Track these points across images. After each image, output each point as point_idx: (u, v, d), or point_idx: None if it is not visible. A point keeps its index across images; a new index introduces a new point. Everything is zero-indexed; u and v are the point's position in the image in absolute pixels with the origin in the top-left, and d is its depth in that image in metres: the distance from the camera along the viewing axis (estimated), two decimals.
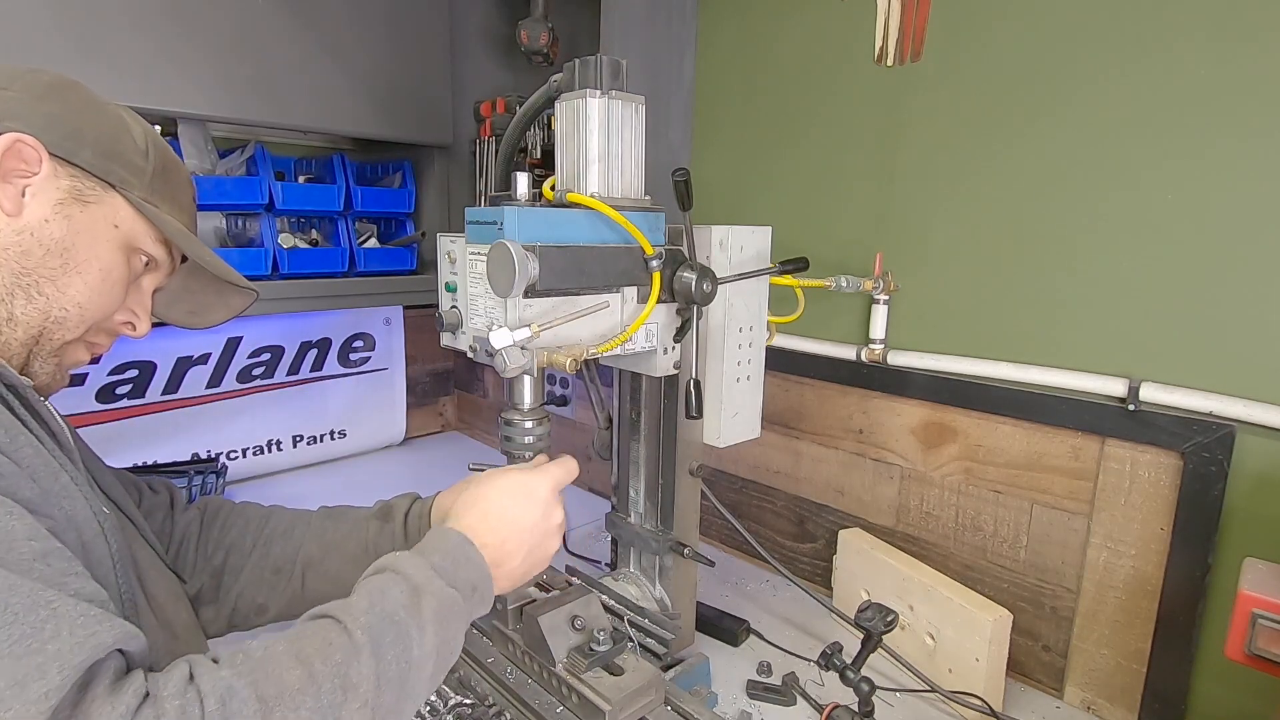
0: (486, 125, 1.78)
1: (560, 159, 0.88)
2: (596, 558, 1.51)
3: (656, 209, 0.91)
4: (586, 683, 0.82)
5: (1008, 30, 1.09)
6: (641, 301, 0.90)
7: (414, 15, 1.66)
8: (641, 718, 0.83)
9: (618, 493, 1.16)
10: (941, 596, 1.09)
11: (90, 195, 0.65)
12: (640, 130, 0.88)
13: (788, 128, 1.39)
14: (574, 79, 0.85)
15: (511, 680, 0.90)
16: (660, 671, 0.92)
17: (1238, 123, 0.90)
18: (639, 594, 1.12)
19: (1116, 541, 1.04)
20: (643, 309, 0.89)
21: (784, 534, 1.48)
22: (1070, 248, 1.05)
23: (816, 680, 1.11)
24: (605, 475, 1.85)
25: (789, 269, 1.01)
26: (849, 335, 1.32)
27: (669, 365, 0.95)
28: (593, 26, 1.52)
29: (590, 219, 0.83)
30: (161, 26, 1.29)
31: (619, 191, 0.88)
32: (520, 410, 0.85)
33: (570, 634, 0.87)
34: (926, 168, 1.20)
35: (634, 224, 0.84)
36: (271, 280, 1.56)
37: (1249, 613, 0.73)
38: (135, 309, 0.73)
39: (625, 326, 0.89)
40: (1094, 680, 1.08)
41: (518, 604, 0.92)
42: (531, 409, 0.85)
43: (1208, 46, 0.92)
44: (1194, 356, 0.96)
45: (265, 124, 1.48)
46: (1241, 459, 0.93)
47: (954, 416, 1.19)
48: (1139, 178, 0.98)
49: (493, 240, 0.76)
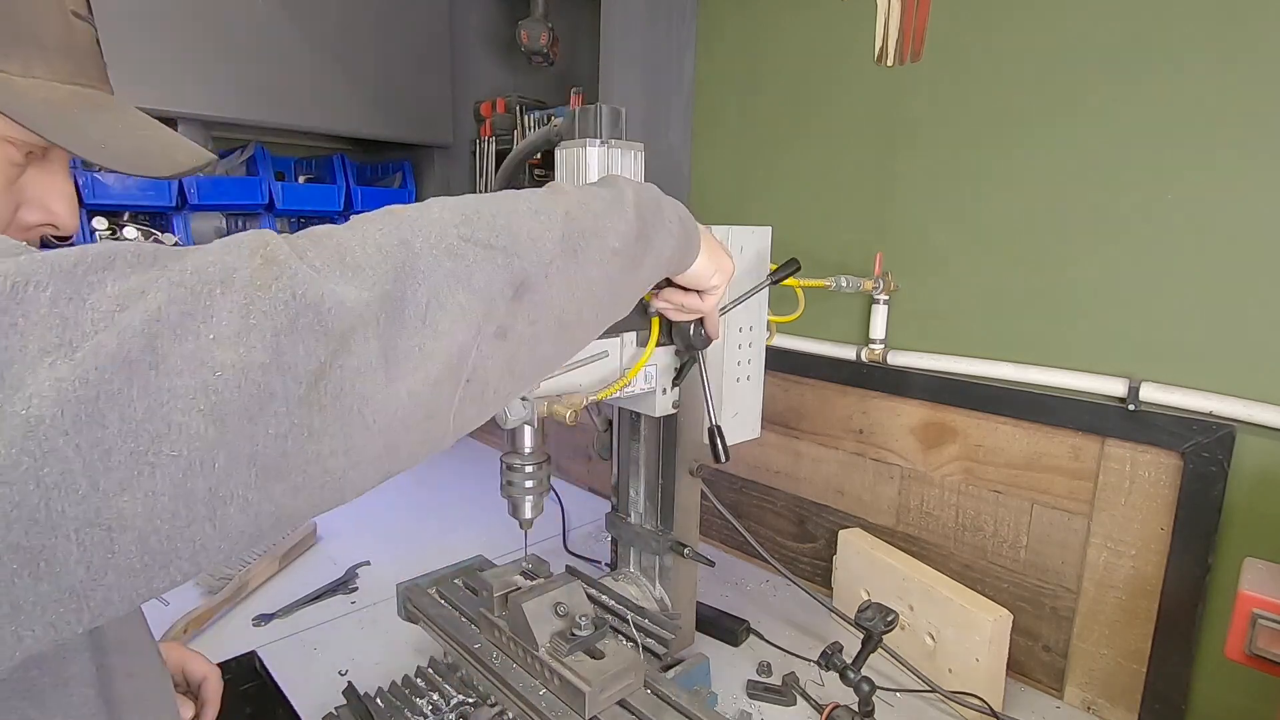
0: (486, 125, 1.78)
1: None
2: (596, 558, 1.51)
3: None
4: (568, 666, 0.84)
5: (1008, 30, 1.09)
6: (641, 345, 0.91)
7: (414, 15, 1.66)
8: (621, 699, 0.85)
9: (618, 493, 1.16)
10: (941, 596, 1.09)
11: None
12: (639, 177, 0.89)
13: (788, 128, 1.39)
14: (574, 127, 0.86)
15: (498, 665, 0.92)
16: (639, 656, 0.93)
17: (1237, 123, 0.90)
18: (639, 594, 1.12)
19: (1116, 541, 1.04)
20: (642, 353, 0.90)
21: (784, 534, 1.48)
22: (1070, 248, 1.05)
23: (816, 680, 1.11)
24: (605, 475, 1.85)
25: (782, 276, 1.00)
26: (849, 335, 1.32)
27: (668, 405, 0.96)
28: (593, 26, 1.52)
29: None
30: (161, 27, 1.29)
31: None
32: (521, 455, 0.88)
33: (553, 620, 0.90)
34: (927, 168, 1.20)
35: None
36: None
37: (1249, 613, 0.73)
38: (49, 204, 0.54)
39: (625, 370, 0.90)
40: (1094, 680, 1.09)
41: (503, 592, 0.95)
42: (532, 453, 0.88)
43: (1208, 46, 0.92)
44: (1194, 356, 0.96)
45: (265, 124, 1.48)
46: (1241, 459, 0.93)
47: (954, 416, 1.19)
48: (1139, 176, 0.98)
49: None
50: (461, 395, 0.43)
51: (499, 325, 0.44)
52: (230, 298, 0.33)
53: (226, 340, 0.32)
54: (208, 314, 0.33)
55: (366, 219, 0.44)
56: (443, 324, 0.40)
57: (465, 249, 0.43)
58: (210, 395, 0.32)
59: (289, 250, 0.37)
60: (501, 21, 1.87)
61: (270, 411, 0.33)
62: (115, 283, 0.32)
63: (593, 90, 1.53)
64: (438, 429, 0.43)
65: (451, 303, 0.41)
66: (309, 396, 0.34)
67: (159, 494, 0.31)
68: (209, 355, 0.32)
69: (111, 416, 0.30)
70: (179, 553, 0.32)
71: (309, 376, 0.34)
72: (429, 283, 0.40)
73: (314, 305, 0.35)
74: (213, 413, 0.32)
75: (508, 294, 0.45)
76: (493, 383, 0.45)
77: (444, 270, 0.41)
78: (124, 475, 0.30)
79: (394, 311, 0.38)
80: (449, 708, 0.93)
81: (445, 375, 0.41)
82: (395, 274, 0.39)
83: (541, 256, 0.48)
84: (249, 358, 0.33)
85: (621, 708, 0.85)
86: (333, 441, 0.36)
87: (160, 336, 0.31)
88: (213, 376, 0.32)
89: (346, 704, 0.97)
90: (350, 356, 0.36)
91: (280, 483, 0.34)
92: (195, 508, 0.32)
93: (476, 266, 0.43)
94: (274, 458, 0.34)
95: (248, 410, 0.32)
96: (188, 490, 0.31)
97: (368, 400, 0.37)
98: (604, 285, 0.54)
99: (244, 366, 0.32)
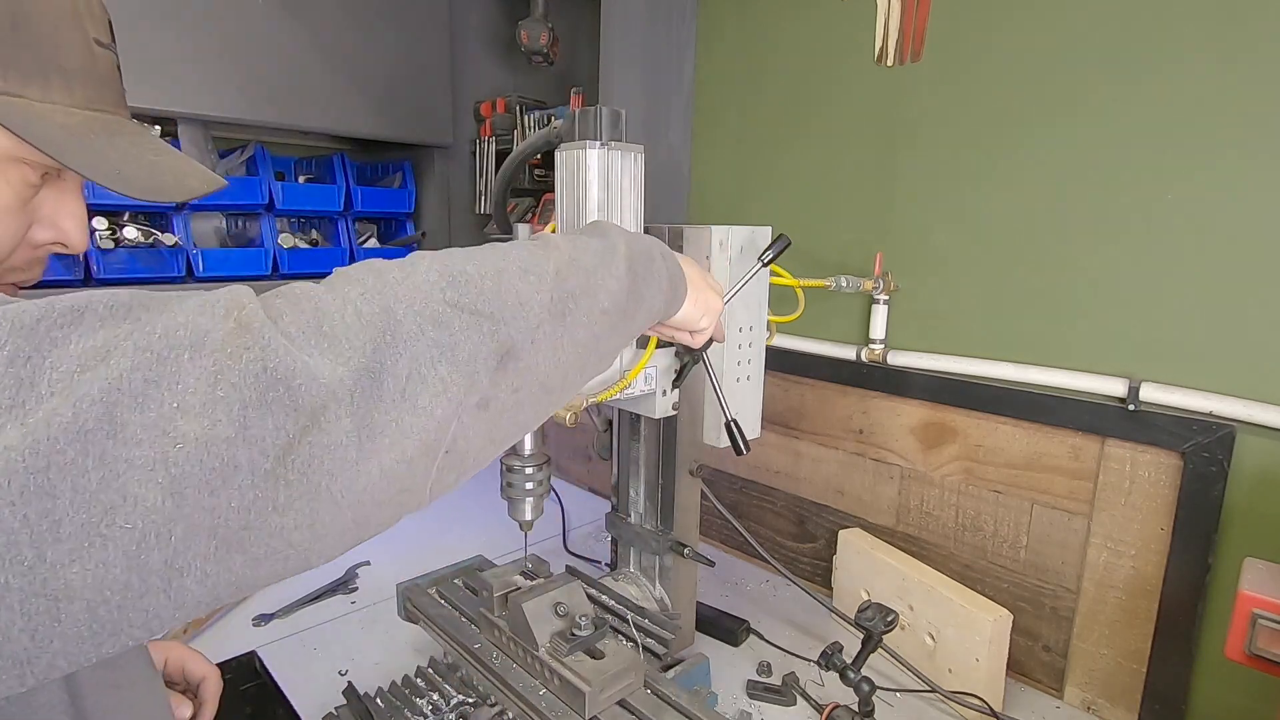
0: (486, 125, 1.78)
1: (560, 207, 0.90)
2: (596, 558, 1.51)
3: None
4: (568, 666, 0.84)
5: (1008, 30, 1.09)
6: (641, 347, 0.91)
7: (414, 15, 1.66)
8: (621, 699, 0.85)
9: (618, 493, 1.16)
10: (941, 596, 1.09)
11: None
12: (639, 179, 0.89)
13: (788, 128, 1.39)
14: (574, 129, 0.86)
15: (498, 665, 0.92)
16: (639, 656, 0.93)
17: (1237, 123, 0.90)
18: (639, 594, 1.12)
19: (1116, 541, 1.04)
20: (642, 355, 0.90)
21: (784, 534, 1.48)
22: (1070, 247, 1.05)
23: (816, 680, 1.11)
24: (605, 475, 1.85)
25: (774, 255, 0.98)
26: (849, 335, 1.32)
27: (668, 407, 0.96)
28: (593, 26, 1.52)
29: None
30: (161, 26, 1.29)
31: None
32: (521, 457, 0.88)
33: (553, 620, 0.90)
34: (927, 168, 1.20)
35: None
36: (272, 280, 1.56)
37: (1249, 613, 0.73)
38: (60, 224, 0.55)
39: (625, 372, 0.90)
40: (1094, 680, 1.08)
41: (503, 592, 0.95)
42: (532, 454, 0.88)
43: (1209, 46, 0.92)
44: (1194, 356, 0.96)
45: (265, 124, 1.48)
46: (1241, 459, 0.93)
47: (954, 416, 1.19)
48: (1139, 176, 0.98)
49: None
50: (440, 466, 0.42)
51: (481, 397, 0.43)
52: (199, 364, 0.32)
53: (191, 410, 0.31)
54: (173, 381, 0.31)
55: (349, 277, 0.42)
56: (422, 399, 0.39)
57: (451, 316, 0.42)
58: (170, 467, 0.30)
59: (264, 316, 0.36)
60: (501, 21, 1.87)
61: (234, 484, 0.32)
62: (80, 340, 0.31)
63: (593, 90, 1.53)
64: (413, 500, 0.42)
65: (433, 376, 0.39)
66: (275, 470, 0.33)
67: (110, 565, 0.30)
68: (171, 425, 0.31)
69: (63, 487, 0.28)
70: (131, 622, 0.31)
71: (276, 450, 0.33)
72: (410, 354, 0.39)
73: (285, 379, 0.34)
74: (171, 485, 0.30)
75: (492, 364, 0.43)
76: (473, 452, 0.44)
77: (427, 340, 0.40)
78: (74, 546, 0.29)
79: (371, 386, 0.37)
80: (449, 708, 0.92)
81: (422, 452, 0.39)
82: (375, 344, 0.38)
83: (529, 321, 0.46)
84: (214, 431, 0.32)
85: (621, 708, 0.85)
86: (298, 516, 0.34)
87: (120, 405, 0.30)
88: (174, 448, 0.31)
89: (346, 704, 0.97)
90: (321, 433, 0.35)
91: (240, 555, 0.33)
92: (149, 579, 0.31)
93: (462, 335, 0.42)
94: (235, 530, 0.33)
95: (209, 483, 0.31)
96: (141, 562, 0.30)
97: (336, 477, 0.35)
98: (590, 346, 0.52)
99: (208, 440, 0.31)
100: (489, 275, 0.46)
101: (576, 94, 1.62)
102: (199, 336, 0.33)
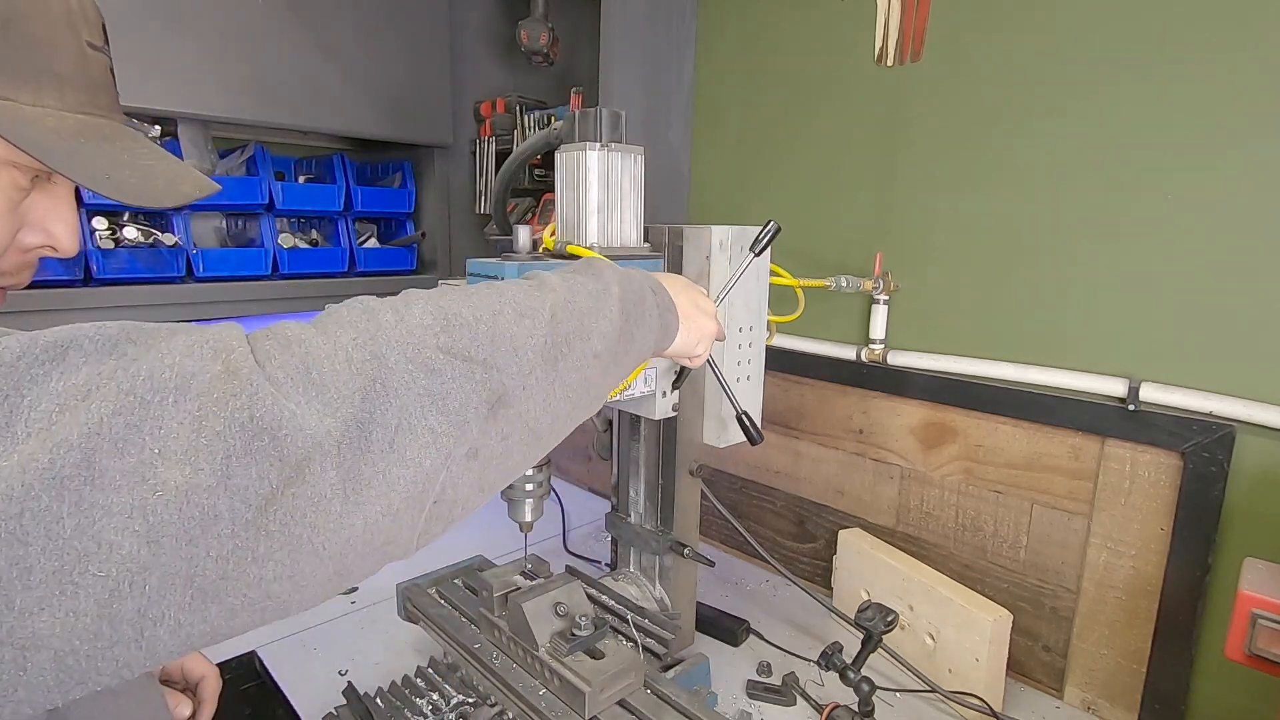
0: (486, 125, 1.78)
1: (560, 209, 0.90)
2: (596, 558, 1.51)
3: (654, 256, 0.92)
4: (568, 666, 0.84)
5: (1008, 30, 1.09)
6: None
7: (414, 15, 1.66)
8: (621, 699, 0.85)
9: (618, 493, 1.16)
10: (941, 596, 1.09)
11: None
12: (639, 180, 0.89)
13: (788, 128, 1.39)
14: (574, 130, 0.86)
15: (498, 665, 0.92)
16: (639, 656, 0.93)
17: (1238, 123, 0.90)
18: (639, 594, 1.12)
19: (1116, 541, 1.04)
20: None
21: (784, 534, 1.48)
22: (1070, 248, 1.05)
23: (816, 680, 1.11)
24: (605, 475, 1.85)
25: (765, 244, 0.96)
26: (849, 335, 1.32)
27: (668, 408, 0.96)
28: (593, 26, 1.52)
29: None
30: (161, 26, 1.29)
31: (618, 241, 0.89)
32: None
33: (553, 620, 0.90)
34: (927, 168, 1.20)
35: None
36: (272, 280, 1.56)
37: (1249, 613, 0.73)
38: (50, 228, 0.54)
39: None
40: (1094, 680, 1.08)
41: (503, 592, 0.95)
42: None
43: (1209, 46, 0.92)
44: (1194, 356, 0.96)
45: (265, 124, 1.48)
46: (1241, 459, 0.93)
47: (954, 416, 1.19)
48: (1139, 178, 0.98)
49: None
50: (428, 517, 0.41)
51: (471, 446, 0.42)
52: (184, 408, 0.31)
53: (173, 457, 0.31)
54: (155, 426, 0.31)
55: (341, 319, 0.41)
56: (411, 450, 0.38)
57: (443, 363, 0.41)
58: (148, 515, 0.30)
59: (253, 361, 0.35)
60: (501, 21, 1.87)
61: (213, 534, 0.31)
62: (62, 378, 0.30)
63: (593, 90, 1.53)
64: (398, 551, 0.41)
65: (422, 427, 0.39)
66: (256, 520, 0.32)
67: (81, 614, 0.29)
68: (152, 472, 0.30)
69: (35, 533, 0.28)
70: (99, 670, 0.30)
71: (259, 500, 0.32)
72: (400, 403, 0.38)
73: (271, 429, 0.33)
74: (149, 533, 0.30)
75: (483, 412, 0.42)
76: (461, 501, 0.44)
77: (418, 389, 0.39)
78: (43, 594, 0.28)
79: (358, 437, 0.36)
80: (449, 708, 0.92)
81: (408, 504, 0.39)
82: (364, 394, 0.37)
83: (522, 367, 0.45)
84: (195, 479, 0.31)
85: (621, 708, 0.85)
86: (277, 567, 0.34)
87: (99, 451, 0.29)
88: (153, 496, 0.30)
89: (346, 704, 0.97)
90: (305, 485, 0.34)
91: (217, 605, 0.32)
92: (120, 629, 0.30)
93: (453, 384, 0.41)
94: (212, 580, 0.32)
95: (188, 532, 0.31)
96: (113, 611, 0.29)
97: (319, 529, 0.35)
98: (581, 390, 0.51)
99: (188, 488, 0.31)
100: (484, 318, 0.45)
101: (576, 94, 1.62)
102: (184, 380, 0.32)
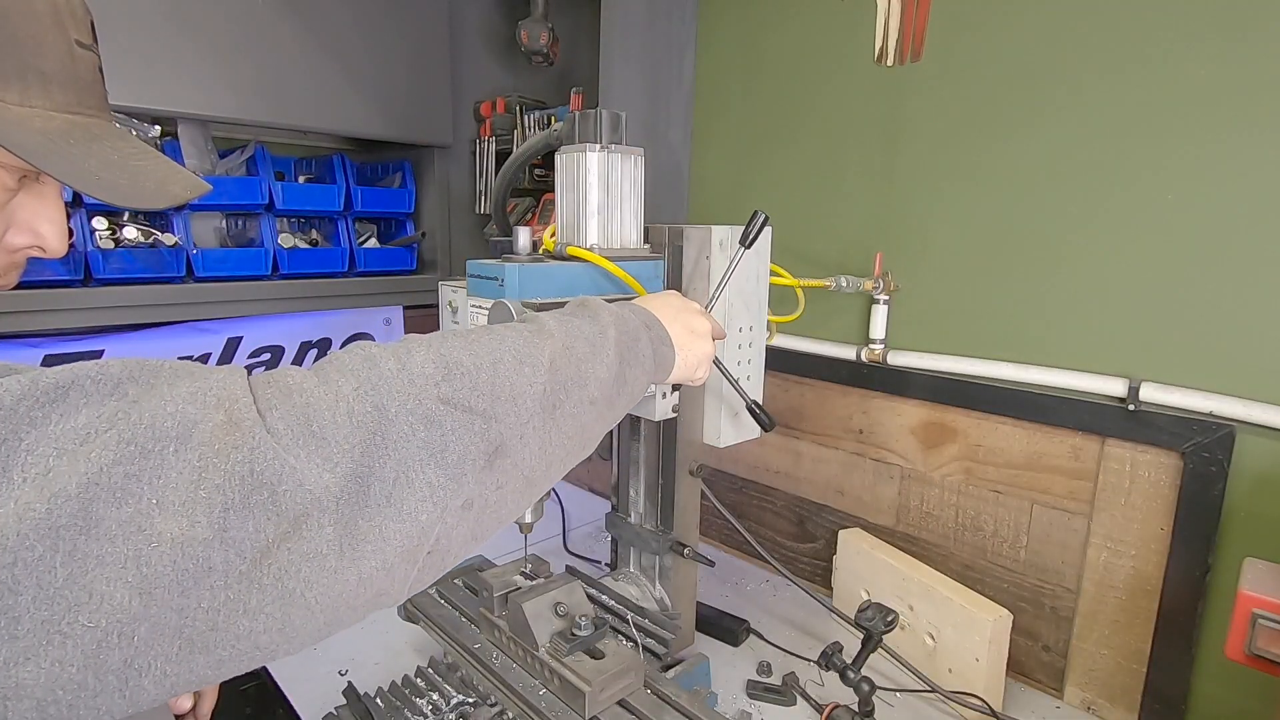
0: (486, 125, 1.78)
1: (560, 210, 0.90)
2: (596, 558, 1.51)
3: (654, 257, 0.92)
4: (568, 666, 0.84)
5: (1008, 30, 1.09)
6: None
7: (414, 15, 1.66)
8: (621, 699, 0.85)
9: (618, 493, 1.16)
10: (941, 596, 1.09)
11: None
12: (639, 181, 0.89)
13: (788, 127, 1.39)
14: (574, 132, 0.86)
15: (498, 665, 0.92)
16: (639, 656, 0.93)
17: (1238, 122, 0.90)
18: (639, 594, 1.12)
19: (1116, 541, 1.04)
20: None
21: (784, 534, 1.48)
22: (1070, 248, 1.05)
23: (816, 680, 1.11)
24: (605, 475, 1.85)
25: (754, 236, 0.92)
26: (849, 335, 1.32)
27: (668, 410, 0.96)
28: (593, 26, 1.52)
29: (590, 271, 0.85)
30: (161, 26, 1.29)
31: (618, 242, 0.90)
32: None
33: (553, 620, 0.90)
34: (927, 168, 1.20)
35: (632, 275, 0.86)
36: (271, 280, 1.56)
37: (1249, 613, 0.73)
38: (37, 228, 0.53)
39: None
40: (1094, 680, 1.08)
41: (503, 592, 0.95)
42: None
43: (1208, 45, 0.92)
44: (1194, 356, 0.96)
45: (265, 124, 1.48)
46: (1241, 459, 0.93)
47: (954, 416, 1.19)
48: (1139, 177, 0.98)
49: (493, 296, 0.77)
50: (421, 568, 0.41)
51: (467, 498, 0.42)
52: (184, 458, 0.31)
53: (171, 508, 0.30)
54: (155, 477, 0.30)
55: (343, 367, 0.41)
56: (408, 504, 0.38)
57: (443, 415, 0.41)
58: (142, 566, 0.29)
59: (255, 412, 0.35)
60: (501, 21, 1.87)
61: (205, 585, 0.31)
62: (62, 420, 0.30)
63: (593, 90, 1.53)
64: (388, 600, 0.41)
65: (420, 480, 0.39)
66: (250, 573, 0.32)
67: (67, 664, 0.28)
68: (148, 522, 0.30)
69: (27, 583, 0.27)
70: (80, 718, 0.30)
71: (254, 553, 0.32)
72: (399, 456, 0.38)
73: (270, 483, 0.33)
74: (141, 584, 0.29)
75: (480, 464, 0.42)
76: (454, 550, 0.44)
77: (418, 441, 0.39)
78: (30, 644, 0.27)
79: (356, 492, 0.36)
80: (449, 708, 0.93)
81: (403, 558, 0.39)
82: (364, 447, 0.37)
83: (520, 416, 0.45)
84: (191, 531, 0.30)
85: (621, 708, 0.85)
86: (268, 620, 0.33)
87: (97, 500, 0.29)
88: (148, 547, 0.29)
89: (346, 704, 0.97)
90: (301, 540, 0.34)
91: (204, 655, 0.32)
92: (105, 679, 0.29)
93: (452, 436, 0.41)
94: (202, 631, 0.31)
95: (180, 584, 0.30)
96: (100, 662, 0.29)
97: (313, 584, 0.35)
98: (576, 436, 0.51)
99: (184, 540, 0.30)
100: (485, 367, 0.45)
101: (576, 94, 1.62)
102: (186, 429, 0.32)
